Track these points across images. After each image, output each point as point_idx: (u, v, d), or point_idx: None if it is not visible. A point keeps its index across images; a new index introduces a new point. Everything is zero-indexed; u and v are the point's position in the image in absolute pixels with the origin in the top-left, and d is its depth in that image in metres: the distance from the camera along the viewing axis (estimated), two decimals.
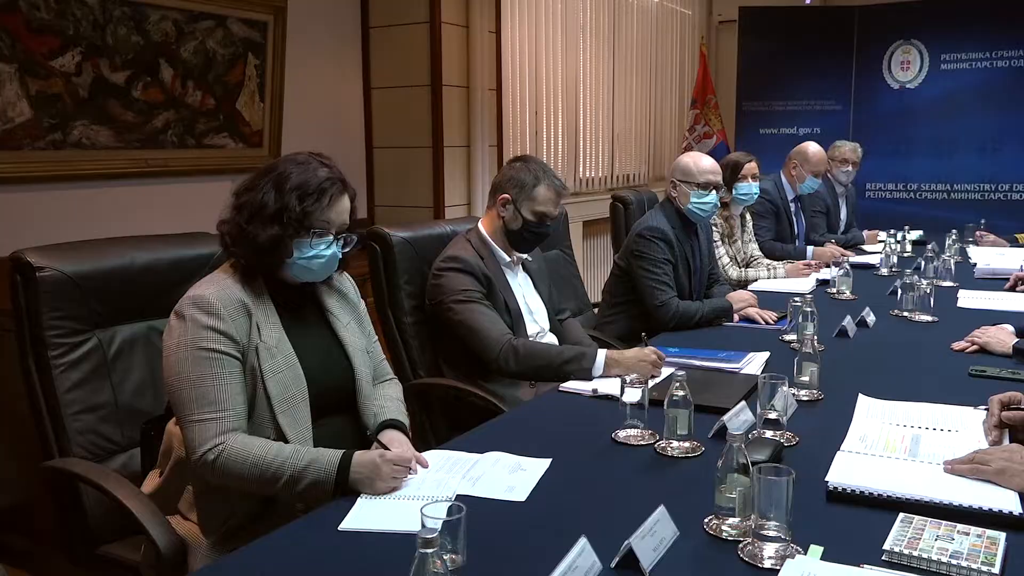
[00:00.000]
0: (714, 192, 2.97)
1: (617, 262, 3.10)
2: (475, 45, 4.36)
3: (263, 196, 1.61)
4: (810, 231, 4.54)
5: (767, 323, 2.79)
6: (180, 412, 1.55)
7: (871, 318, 2.75)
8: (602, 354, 2.18)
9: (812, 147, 4.33)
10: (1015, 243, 4.62)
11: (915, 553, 1.21)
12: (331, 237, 1.66)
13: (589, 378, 2.15)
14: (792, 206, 4.36)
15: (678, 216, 3.00)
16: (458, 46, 4.32)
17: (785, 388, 1.70)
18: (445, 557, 1.11)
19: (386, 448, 1.61)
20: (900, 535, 1.26)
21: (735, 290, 3.10)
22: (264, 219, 1.60)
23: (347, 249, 1.71)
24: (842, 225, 4.91)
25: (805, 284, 3.46)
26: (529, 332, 2.42)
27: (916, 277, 2.92)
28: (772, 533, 1.22)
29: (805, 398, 1.95)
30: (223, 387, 1.53)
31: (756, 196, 3.74)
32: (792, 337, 2.49)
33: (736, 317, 2.84)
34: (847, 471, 1.47)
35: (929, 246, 3.63)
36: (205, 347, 1.54)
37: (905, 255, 4.18)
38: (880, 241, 4.58)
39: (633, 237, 2.95)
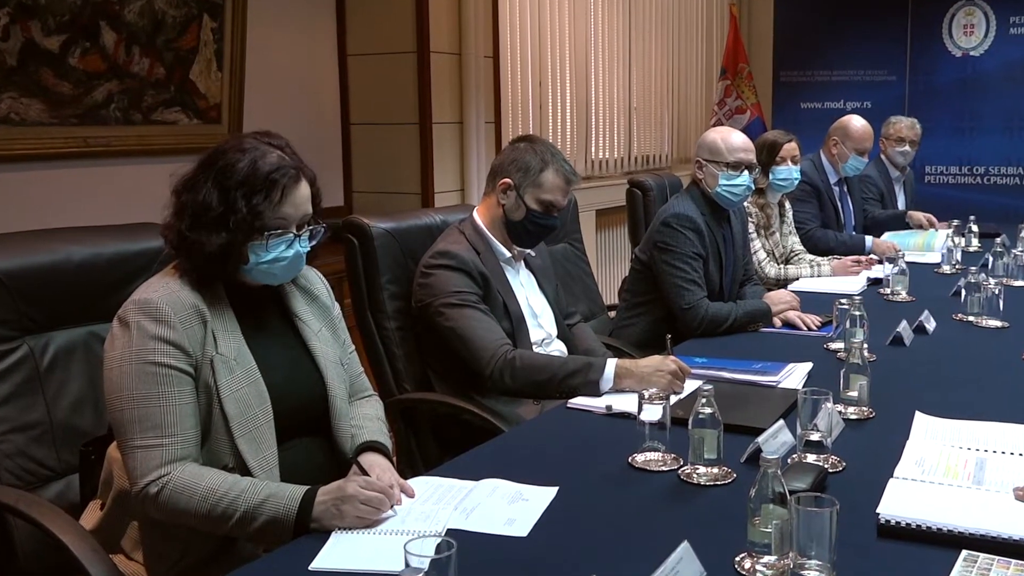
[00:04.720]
0: (746, 172, 2.97)
1: (638, 255, 3.10)
2: (468, 4, 4.35)
3: (205, 196, 1.59)
4: (863, 220, 4.53)
5: (810, 329, 2.79)
6: (121, 436, 1.55)
7: (931, 323, 2.76)
8: (612, 364, 2.18)
9: (855, 121, 4.31)
10: None
11: None
12: (291, 235, 1.65)
13: (597, 393, 2.15)
14: (836, 189, 4.35)
15: (707, 201, 3.00)
16: (448, 6, 4.31)
17: (830, 405, 1.70)
18: None
19: (366, 473, 1.60)
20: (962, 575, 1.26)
21: (772, 290, 3.10)
22: (208, 224, 1.59)
23: (314, 242, 1.70)
24: None
25: (854, 284, 3.47)
26: (533, 339, 2.42)
27: (983, 276, 2.92)
28: (814, 573, 1.22)
29: (853, 416, 1.96)
30: (171, 409, 1.53)
31: (796, 182, 3.73)
32: (839, 345, 2.49)
33: (777, 322, 2.85)
34: (901, 501, 1.47)
35: (998, 239, 3.64)
36: (152, 361, 1.54)
37: (970, 250, 4.18)
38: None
39: (657, 226, 2.95)
